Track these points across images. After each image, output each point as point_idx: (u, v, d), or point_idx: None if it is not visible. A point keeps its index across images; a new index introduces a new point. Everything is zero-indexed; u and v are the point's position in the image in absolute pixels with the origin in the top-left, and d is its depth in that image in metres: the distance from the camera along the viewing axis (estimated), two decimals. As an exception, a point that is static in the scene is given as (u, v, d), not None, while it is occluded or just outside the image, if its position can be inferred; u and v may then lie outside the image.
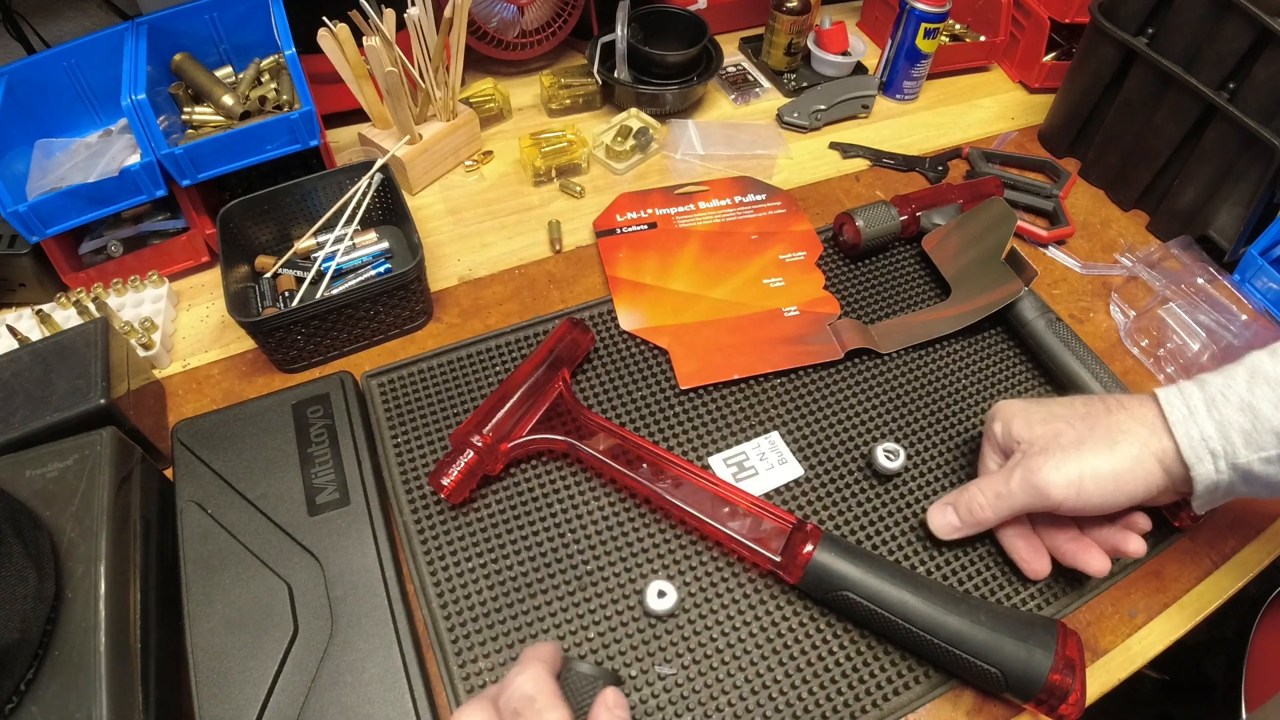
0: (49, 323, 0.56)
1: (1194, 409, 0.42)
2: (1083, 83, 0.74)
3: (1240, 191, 0.64)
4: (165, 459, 0.51)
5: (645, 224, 0.67)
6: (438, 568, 0.47)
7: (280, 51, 0.65)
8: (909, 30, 0.79)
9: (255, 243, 0.61)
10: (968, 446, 0.55)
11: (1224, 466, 0.41)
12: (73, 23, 0.78)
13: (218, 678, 0.40)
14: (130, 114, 0.56)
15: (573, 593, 0.47)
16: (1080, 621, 0.48)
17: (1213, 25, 0.61)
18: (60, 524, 0.40)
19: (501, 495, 0.51)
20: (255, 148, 0.61)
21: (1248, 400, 0.40)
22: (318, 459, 0.49)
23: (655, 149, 0.76)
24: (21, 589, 0.35)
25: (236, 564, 0.44)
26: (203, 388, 0.57)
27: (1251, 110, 0.61)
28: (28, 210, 0.55)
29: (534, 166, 0.71)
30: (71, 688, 0.35)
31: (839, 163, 0.78)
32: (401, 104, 0.65)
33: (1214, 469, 0.41)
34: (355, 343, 0.58)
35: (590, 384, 0.57)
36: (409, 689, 0.41)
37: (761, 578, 0.48)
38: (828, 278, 0.64)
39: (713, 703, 0.43)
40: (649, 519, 0.50)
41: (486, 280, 0.64)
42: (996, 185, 0.70)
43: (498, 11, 0.78)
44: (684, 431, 0.55)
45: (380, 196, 0.64)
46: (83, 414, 0.46)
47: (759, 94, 0.85)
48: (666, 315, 0.61)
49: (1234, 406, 0.41)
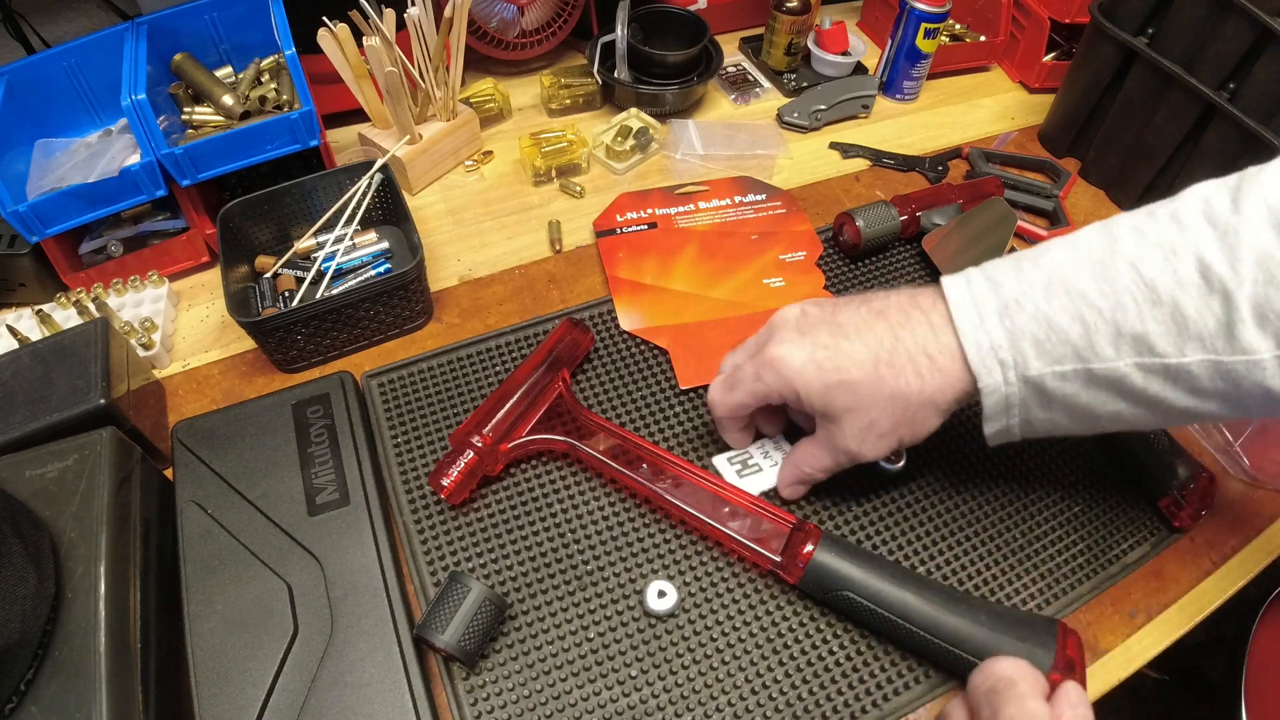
0: (49, 323, 0.56)
1: (984, 316, 0.39)
2: (1083, 83, 0.74)
3: (1240, 191, 0.64)
4: (165, 459, 0.51)
5: (645, 224, 0.67)
6: (438, 568, 0.47)
7: (280, 51, 0.65)
8: (909, 30, 0.79)
9: (255, 243, 0.61)
10: (968, 447, 0.55)
11: (1014, 378, 0.39)
12: (73, 23, 0.78)
13: (218, 678, 0.40)
14: (130, 114, 0.56)
15: (573, 593, 0.47)
16: (1080, 621, 0.48)
17: (1213, 25, 0.61)
18: (60, 524, 0.40)
19: (501, 495, 0.51)
20: (255, 148, 0.61)
21: (1044, 310, 0.38)
22: (318, 459, 0.49)
23: (655, 149, 0.76)
24: (21, 589, 0.35)
25: (236, 564, 0.44)
26: (203, 388, 0.57)
27: (1251, 110, 0.61)
28: (28, 210, 0.55)
29: (534, 166, 0.71)
30: (71, 688, 0.35)
31: (839, 163, 0.78)
32: (401, 104, 0.65)
33: (1002, 380, 0.39)
34: (355, 343, 0.58)
35: (590, 384, 0.57)
36: (409, 689, 0.41)
37: (761, 578, 0.48)
38: (828, 278, 0.64)
39: (713, 703, 0.43)
40: (649, 519, 0.50)
41: (486, 280, 0.64)
42: (996, 185, 0.70)
43: (498, 11, 0.78)
44: (684, 431, 0.54)
45: (380, 196, 0.64)
46: (83, 414, 0.46)
47: (759, 94, 0.85)
48: (666, 315, 0.61)
49: (1028, 315, 0.38)
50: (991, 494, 0.52)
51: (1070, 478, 0.53)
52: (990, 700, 0.34)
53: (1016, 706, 0.33)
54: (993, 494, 0.52)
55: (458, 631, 0.41)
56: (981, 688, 0.35)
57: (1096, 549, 0.50)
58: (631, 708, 0.43)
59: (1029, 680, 0.34)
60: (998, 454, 0.54)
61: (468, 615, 0.42)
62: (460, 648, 0.41)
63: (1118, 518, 0.52)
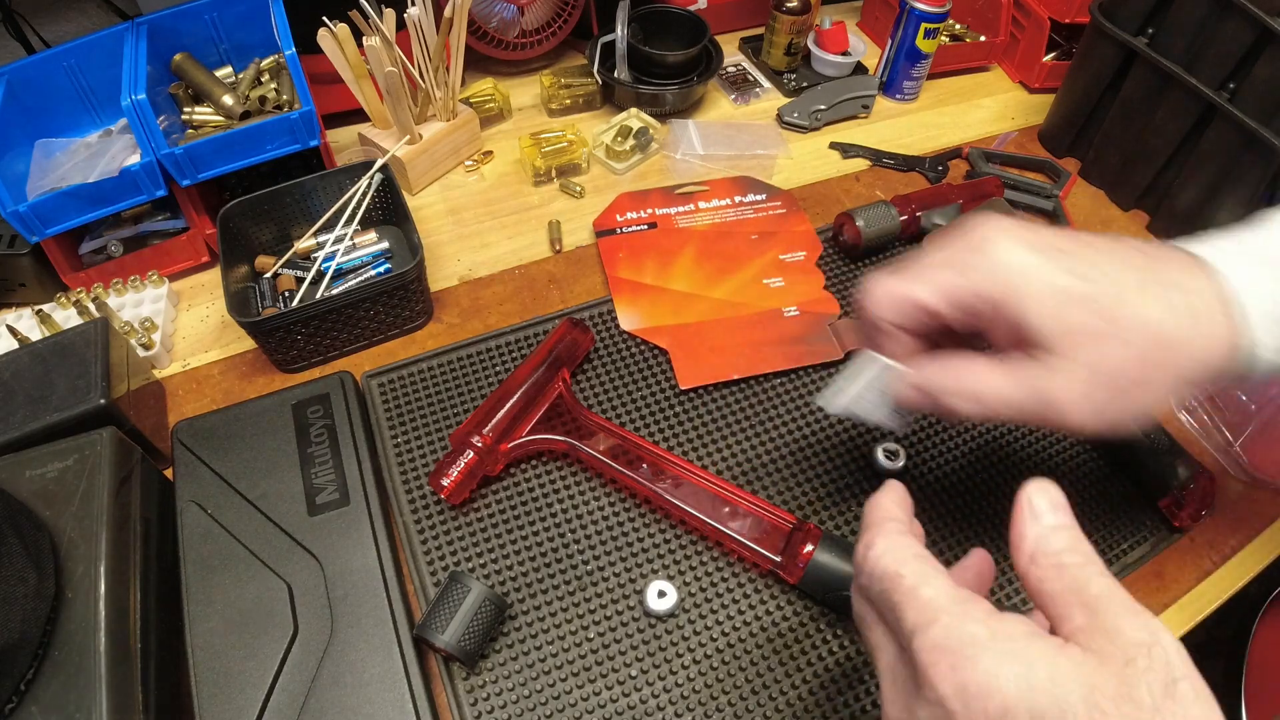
0: (49, 323, 0.56)
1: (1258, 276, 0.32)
2: (1083, 83, 0.74)
3: (1240, 192, 0.64)
4: (165, 459, 0.51)
5: (645, 224, 0.67)
6: (438, 568, 0.47)
7: (280, 51, 0.65)
8: (909, 30, 0.79)
9: (255, 243, 0.61)
10: (968, 446, 0.55)
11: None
12: (73, 23, 0.78)
13: (218, 678, 0.40)
14: (130, 114, 0.56)
15: (573, 593, 0.47)
16: (1080, 621, 0.47)
17: (1213, 25, 0.61)
18: (60, 524, 0.40)
19: (501, 495, 0.51)
20: (255, 148, 0.61)
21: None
22: (318, 459, 0.49)
23: (655, 149, 0.76)
24: (21, 589, 0.35)
25: (236, 564, 0.44)
26: (203, 388, 0.57)
27: (1251, 110, 0.61)
28: (28, 210, 0.55)
29: (534, 166, 0.71)
30: (71, 688, 0.35)
31: (839, 163, 0.78)
32: (401, 104, 0.65)
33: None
34: (355, 343, 0.58)
35: (590, 384, 0.57)
36: (409, 689, 0.41)
37: (761, 578, 0.48)
38: (828, 278, 0.64)
39: (713, 703, 0.43)
40: (649, 519, 0.50)
41: (486, 280, 0.64)
42: (997, 185, 0.70)
43: (498, 11, 0.78)
44: (684, 431, 0.54)
45: (380, 196, 0.64)
46: (83, 414, 0.46)
47: (759, 94, 0.85)
48: (666, 315, 0.61)
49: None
50: (991, 494, 0.52)
51: (1070, 478, 0.53)
52: (883, 604, 0.28)
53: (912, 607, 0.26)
54: (993, 494, 0.52)
55: (458, 631, 0.41)
56: (870, 591, 0.29)
57: (1097, 549, 0.49)
58: (631, 708, 0.43)
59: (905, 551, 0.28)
60: (998, 454, 0.54)
61: (468, 615, 0.42)
62: (460, 648, 0.41)
63: (1118, 518, 0.52)
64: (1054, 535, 0.27)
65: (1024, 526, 0.27)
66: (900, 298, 0.34)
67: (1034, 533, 0.27)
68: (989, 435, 0.55)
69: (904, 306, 0.34)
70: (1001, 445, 0.55)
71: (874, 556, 0.28)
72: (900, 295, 0.34)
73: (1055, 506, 0.27)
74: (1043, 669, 0.23)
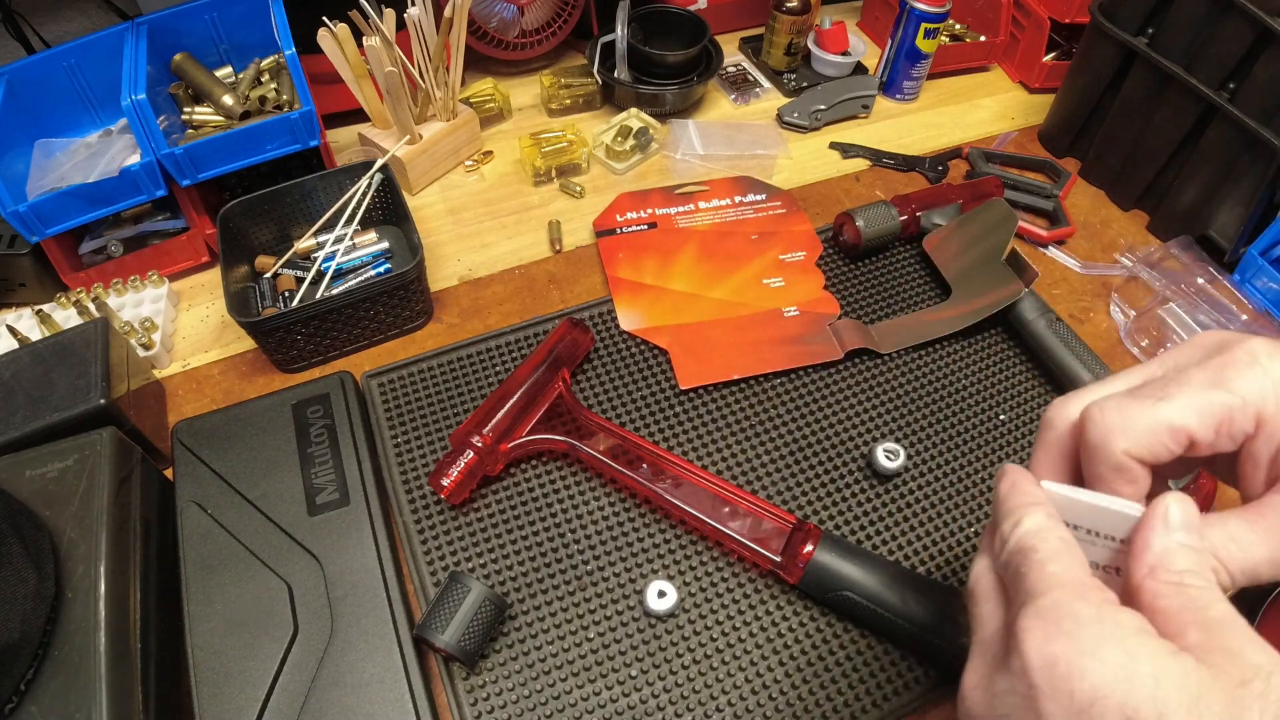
0: (49, 323, 0.56)
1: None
2: (1083, 83, 0.74)
3: (1240, 191, 0.64)
4: (165, 459, 0.51)
5: (645, 224, 0.67)
6: (438, 568, 0.47)
7: (280, 51, 0.65)
8: (909, 30, 0.79)
9: (255, 243, 0.61)
10: (968, 446, 0.55)
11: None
12: (73, 23, 0.78)
13: (218, 678, 0.40)
14: (130, 114, 0.56)
15: (573, 593, 0.47)
16: (1080, 621, 0.47)
17: (1213, 25, 0.61)
18: (60, 524, 0.40)
19: (501, 495, 0.51)
20: (255, 148, 0.61)
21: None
22: (318, 459, 0.49)
23: (655, 149, 0.76)
24: (21, 589, 0.35)
25: (236, 564, 0.44)
26: (203, 388, 0.57)
27: (1251, 110, 0.61)
28: (28, 210, 0.55)
29: (534, 166, 0.71)
30: (71, 688, 0.35)
31: (839, 163, 0.78)
32: (401, 104, 0.65)
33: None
34: (355, 343, 0.58)
35: (590, 384, 0.57)
36: (409, 689, 0.41)
37: (761, 578, 0.48)
38: (828, 278, 0.64)
39: (713, 703, 0.43)
40: (649, 519, 0.50)
41: (486, 280, 0.64)
42: (996, 185, 0.70)
43: (498, 11, 0.78)
44: (684, 431, 0.54)
45: (380, 196, 0.64)
46: (83, 414, 0.46)
47: (759, 94, 0.85)
48: (666, 315, 0.61)
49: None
50: (991, 494, 0.52)
51: (1070, 478, 0.53)
52: (1012, 576, 0.26)
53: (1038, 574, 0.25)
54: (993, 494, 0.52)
55: (458, 631, 0.41)
56: (1004, 563, 0.27)
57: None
58: (631, 708, 0.43)
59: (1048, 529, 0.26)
60: (998, 454, 0.54)
61: (468, 615, 0.42)
62: (460, 648, 0.41)
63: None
64: (1181, 553, 0.24)
65: (1151, 535, 0.25)
66: (1157, 427, 0.27)
67: (1161, 544, 0.25)
68: (989, 435, 0.55)
69: (1160, 438, 0.27)
70: (1002, 445, 0.55)
71: (1021, 532, 0.26)
72: (1158, 424, 0.27)
73: (1190, 525, 0.25)
74: (1147, 664, 0.21)
